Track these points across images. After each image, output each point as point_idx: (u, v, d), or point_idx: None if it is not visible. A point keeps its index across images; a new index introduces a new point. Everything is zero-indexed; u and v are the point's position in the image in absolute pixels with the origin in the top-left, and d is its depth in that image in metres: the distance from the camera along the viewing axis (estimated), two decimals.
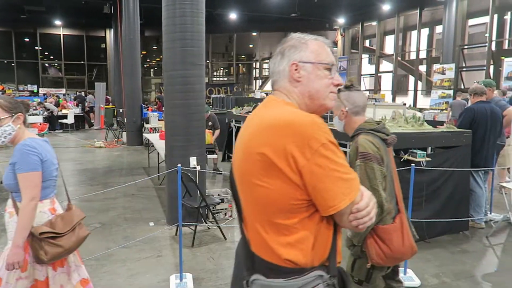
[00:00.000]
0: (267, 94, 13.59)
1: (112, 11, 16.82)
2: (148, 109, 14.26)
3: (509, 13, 19.87)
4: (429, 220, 4.19)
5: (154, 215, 5.30)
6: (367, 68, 25.82)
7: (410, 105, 6.08)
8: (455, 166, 4.40)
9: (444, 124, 4.79)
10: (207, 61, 26.72)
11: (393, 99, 19.98)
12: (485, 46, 16.08)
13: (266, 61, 35.24)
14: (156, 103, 15.79)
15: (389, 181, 1.91)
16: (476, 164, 4.67)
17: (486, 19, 16.41)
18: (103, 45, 24.72)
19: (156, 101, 16.35)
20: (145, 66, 28.53)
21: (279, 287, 1.14)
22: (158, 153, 7.05)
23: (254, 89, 27.61)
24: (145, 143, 10.93)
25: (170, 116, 4.83)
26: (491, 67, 16.34)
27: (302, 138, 1.09)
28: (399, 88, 26.68)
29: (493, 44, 16.60)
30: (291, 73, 1.28)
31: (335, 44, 25.44)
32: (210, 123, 7.81)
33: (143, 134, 11.19)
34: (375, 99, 17.78)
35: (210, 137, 6.98)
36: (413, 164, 3.47)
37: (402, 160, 4.15)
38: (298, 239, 1.14)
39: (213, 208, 4.95)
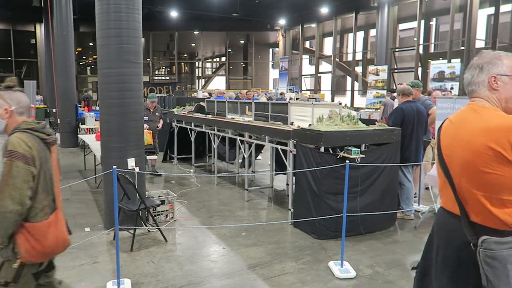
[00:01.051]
0: (210, 94, 13.49)
1: (43, 4, 15.75)
2: (85, 109, 13.55)
3: (434, 19, 21.48)
4: (364, 214, 4.41)
5: (90, 220, 5.05)
6: (308, 68, 26.63)
7: (346, 105, 6.36)
8: (386, 162, 4.67)
9: (376, 122, 5.09)
10: (148, 59, 25.95)
11: (332, 99, 20.75)
12: (414, 49, 17.21)
13: (209, 60, 35.08)
14: (81, 103, 14.62)
15: (46, 180, 1.95)
16: (405, 159, 5.00)
17: (414, 24, 17.58)
18: (33, 41, 23.07)
19: (83, 101, 15.08)
20: (81, 63, 27.10)
21: (509, 242, 1.55)
22: (94, 155, 6.74)
23: (197, 88, 27.30)
24: (81, 144, 10.38)
25: (106, 116, 4.63)
26: (419, 69, 17.52)
27: None
28: (338, 88, 27.77)
29: (421, 47, 17.82)
30: (490, 83, 1.67)
31: (276, 44, 25.91)
32: (157, 114, 7.72)
33: (79, 135, 10.63)
34: (315, 98, 18.36)
35: (149, 137, 6.79)
36: (347, 161, 3.63)
37: (338, 157, 4.33)
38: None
39: (153, 210, 4.83)
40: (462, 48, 15.07)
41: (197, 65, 32.28)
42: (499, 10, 16.04)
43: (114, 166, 3.37)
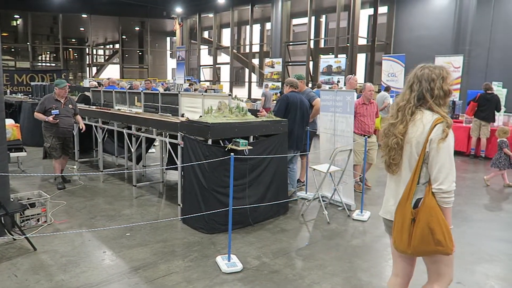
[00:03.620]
0: (99, 83, 12.43)
1: None
2: None
3: (324, 16, 22.87)
4: (253, 205, 4.43)
5: None
6: (207, 59, 26.36)
7: (235, 96, 6.35)
8: (274, 152, 4.75)
9: (259, 113, 5.20)
10: (27, 43, 23.15)
11: (230, 90, 20.88)
12: (305, 43, 18.10)
13: (101, 46, 32.59)
14: None
15: None
16: (289, 145, 5.29)
17: (306, 20, 18.47)
18: None
19: None
20: None
21: None
22: None
23: (88, 76, 25.18)
24: None
25: None
26: (311, 63, 18.54)
27: None
28: (237, 79, 28.09)
29: (312, 42, 18.84)
30: None
31: (174, 33, 25.11)
32: (71, 106, 6.13)
33: None
34: (213, 89, 18.28)
35: (16, 131, 5.96)
36: (232, 154, 3.56)
37: (226, 149, 4.26)
38: None
39: (20, 214, 4.23)
40: (348, 44, 16.26)
41: (87, 52, 29.74)
42: (377, 11, 17.69)
43: None
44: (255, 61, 22.79)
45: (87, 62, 29.56)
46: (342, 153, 5.13)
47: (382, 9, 18.30)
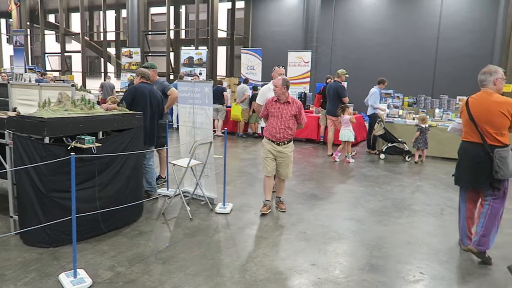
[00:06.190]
0: None
1: None
2: None
3: (183, 7, 22.48)
4: (103, 210, 3.95)
5: None
6: (55, 46, 23.45)
7: (81, 86, 5.61)
8: (129, 149, 4.32)
9: (106, 104, 4.75)
10: None
11: (84, 81, 18.99)
12: (165, 33, 17.50)
13: None
14: None
15: None
16: None
17: (165, 9, 17.83)
18: None
19: None
20: None
21: (507, 150, 3.57)
22: None
23: None
24: None
25: None
26: (172, 54, 18.04)
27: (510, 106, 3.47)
28: (92, 70, 25.72)
29: (172, 33, 18.33)
30: (494, 82, 3.64)
31: (9, 14, 21.55)
32: None
33: None
34: (63, 80, 16.30)
35: None
36: (73, 153, 3.06)
37: (69, 148, 3.68)
38: (506, 135, 3.58)
39: None
40: (208, 37, 16.27)
41: None
42: (235, 5, 18.14)
43: None
44: (112, 51, 21.14)
45: None
46: (203, 146, 4.98)
47: (240, 4, 18.87)
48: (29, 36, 20.55)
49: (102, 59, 21.21)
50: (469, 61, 14.91)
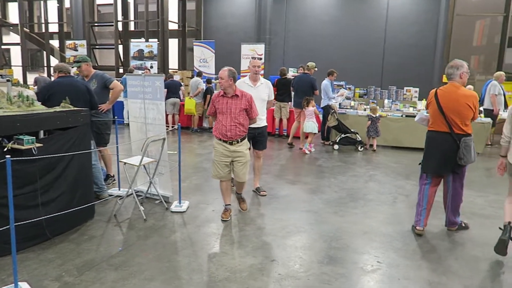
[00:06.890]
0: None
1: None
2: None
3: None
4: (50, 215, 3.66)
5: None
6: None
7: (18, 81, 5.18)
8: (75, 148, 4.03)
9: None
10: None
11: (24, 76, 17.77)
12: (112, 25, 16.73)
13: None
14: None
15: None
16: None
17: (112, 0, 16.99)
18: None
19: None
20: None
21: (470, 139, 3.96)
22: None
23: None
24: None
25: None
26: (120, 47, 17.29)
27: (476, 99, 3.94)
28: (33, 63, 24.15)
29: (120, 24, 17.55)
30: (460, 75, 3.99)
31: None
32: None
33: None
34: (1, 75, 15.15)
35: None
36: (8, 156, 2.78)
37: (5, 150, 3.36)
38: (469, 125, 3.99)
39: None
40: (159, 29, 15.74)
41: None
42: None
43: None
44: (55, 43, 19.91)
45: None
46: (155, 143, 4.78)
47: None
48: None
49: (44, 52, 19.92)
50: (413, 52, 15.55)
